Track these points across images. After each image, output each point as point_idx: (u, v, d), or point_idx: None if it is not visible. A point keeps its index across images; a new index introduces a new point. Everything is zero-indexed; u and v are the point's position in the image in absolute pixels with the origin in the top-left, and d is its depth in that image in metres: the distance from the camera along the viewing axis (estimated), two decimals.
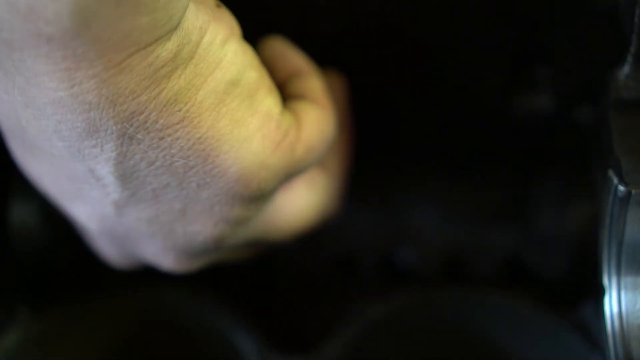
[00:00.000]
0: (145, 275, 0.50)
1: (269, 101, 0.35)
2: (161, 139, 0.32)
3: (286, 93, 0.39)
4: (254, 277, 0.51)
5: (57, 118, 0.30)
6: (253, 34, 0.37)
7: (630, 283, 0.36)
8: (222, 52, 0.32)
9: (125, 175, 0.33)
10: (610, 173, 0.36)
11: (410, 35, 0.46)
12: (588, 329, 0.41)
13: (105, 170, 0.33)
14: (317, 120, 0.37)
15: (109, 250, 0.41)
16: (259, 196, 0.35)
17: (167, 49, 0.30)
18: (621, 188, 0.35)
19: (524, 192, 0.51)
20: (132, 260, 0.41)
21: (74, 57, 0.28)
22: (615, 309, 0.37)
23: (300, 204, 0.40)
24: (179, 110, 0.31)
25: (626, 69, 0.37)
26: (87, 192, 0.35)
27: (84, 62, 0.28)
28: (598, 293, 0.38)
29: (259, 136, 0.34)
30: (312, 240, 0.43)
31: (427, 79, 0.48)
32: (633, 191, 0.35)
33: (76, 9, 0.26)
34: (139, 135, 0.31)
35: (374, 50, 0.46)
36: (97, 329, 0.45)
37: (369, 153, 0.48)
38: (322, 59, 0.42)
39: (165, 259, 0.39)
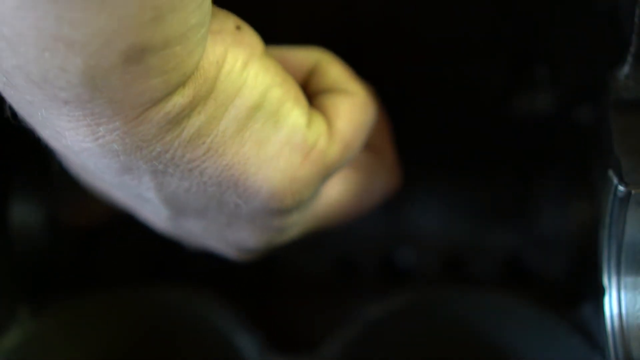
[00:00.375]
0: (145, 275, 0.50)
1: (295, 114, 0.34)
2: (190, 170, 0.32)
3: (311, 92, 0.37)
4: (254, 277, 0.51)
5: (93, 161, 0.31)
6: None
7: (630, 283, 0.36)
8: (241, 78, 0.32)
9: (168, 199, 0.35)
10: (610, 173, 0.36)
11: (410, 34, 0.46)
12: (588, 329, 0.41)
13: (150, 195, 0.34)
14: (349, 113, 0.36)
15: (183, 240, 0.42)
16: (297, 205, 0.36)
17: (183, 94, 0.30)
18: (621, 188, 0.35)
19: (524, 192, 0.51)
20: (204, 247, 0.42)
21: (93, 115, 0.29)
22: (615, 309, 0.37)
23: (348, 188, 0.40)
24: (203, 143, 0.32)
25: (626, 69, 0.37)
26: (143, 206, 0.37)
27: (102, 118, 0.29)
28: (598, 293, 0.38)
29: (286, 152, 0.34)
30: (312, 240, 0.43)
31: (427, 79, 0.48)
32: (633, 191, 0.35)
33: (85, 78, 0.27)
34: (169, 170, 0.32)
35: (374, 50, 0.46)
36: (97, 329, 0.45)
37: None
38: None
39: (227, 253, 0.41)
